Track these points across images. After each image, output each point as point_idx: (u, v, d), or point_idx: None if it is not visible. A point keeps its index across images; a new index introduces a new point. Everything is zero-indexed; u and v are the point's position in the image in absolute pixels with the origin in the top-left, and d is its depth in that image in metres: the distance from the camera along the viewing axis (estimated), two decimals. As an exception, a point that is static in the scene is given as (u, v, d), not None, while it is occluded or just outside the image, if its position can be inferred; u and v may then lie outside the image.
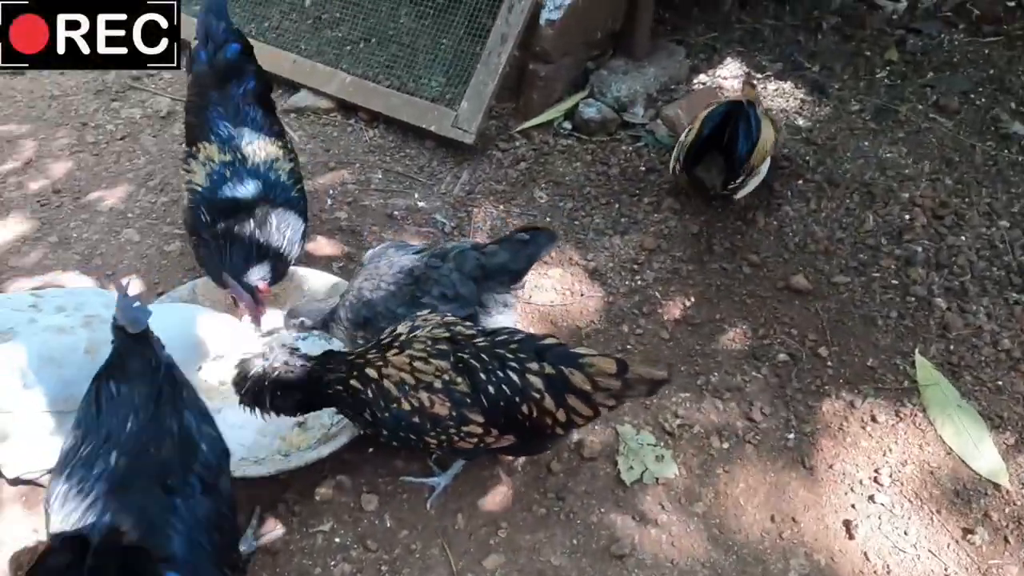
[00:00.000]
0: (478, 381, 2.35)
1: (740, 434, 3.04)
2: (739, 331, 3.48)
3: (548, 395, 2.37)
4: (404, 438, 2.42)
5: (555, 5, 4.33)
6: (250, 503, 2.68)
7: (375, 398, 2.38)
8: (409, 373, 2.36)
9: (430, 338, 2.44)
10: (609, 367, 2.38)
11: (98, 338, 2.33)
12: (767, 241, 3.98)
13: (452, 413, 2.34)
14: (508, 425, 2.41)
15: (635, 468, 2.86)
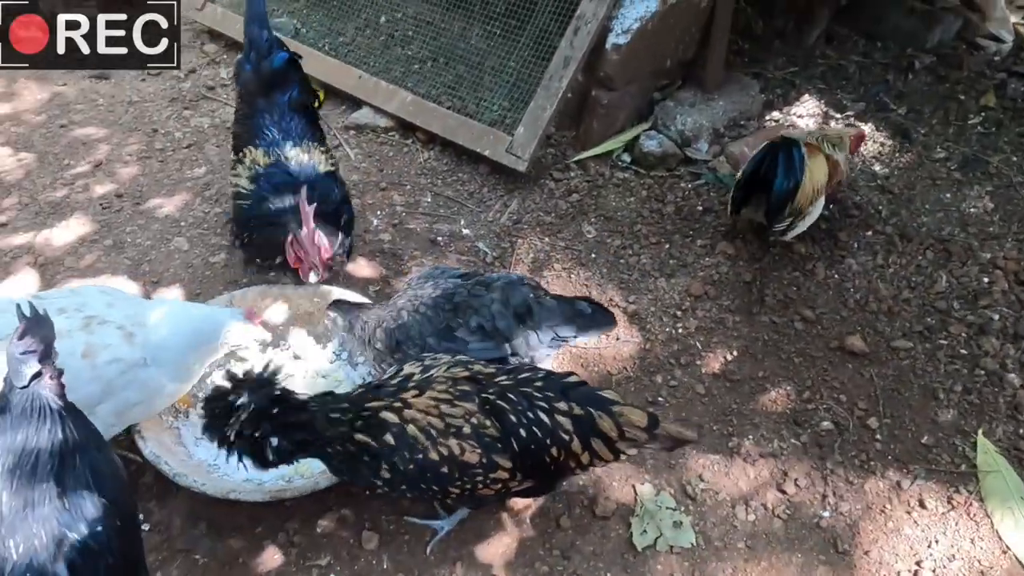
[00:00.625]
0: (508, 424, 2.25)
1: (769, 506, 2.83)
2: (782, 392, 3.27)
3: (576, 437, 2.29)
4: (424, 489, 2.28)
5: (623, 29, 4.22)
6: (252, 525, 2.67)
7: (397, 447, 2.17)
8: (437, 417, 2.22)
9: (449, 378, 2.33)
10: (640, 420, 2.31)
11: (95, 341, 2.33)
12: (825, 296, 3.74)
13: (483, 460, 2.23)
14: (534, 469, 2.32)
15: (649, 532, 2.70)
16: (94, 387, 2.34)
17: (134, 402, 2.45)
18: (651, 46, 4.41)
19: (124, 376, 2.38)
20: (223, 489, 2.53)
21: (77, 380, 2.27)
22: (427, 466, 2.20)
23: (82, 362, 2.31)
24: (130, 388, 2.41)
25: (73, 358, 2.28)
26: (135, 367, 2.40)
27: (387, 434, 2.19)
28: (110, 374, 2.35)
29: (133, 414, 2.50)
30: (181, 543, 2.62)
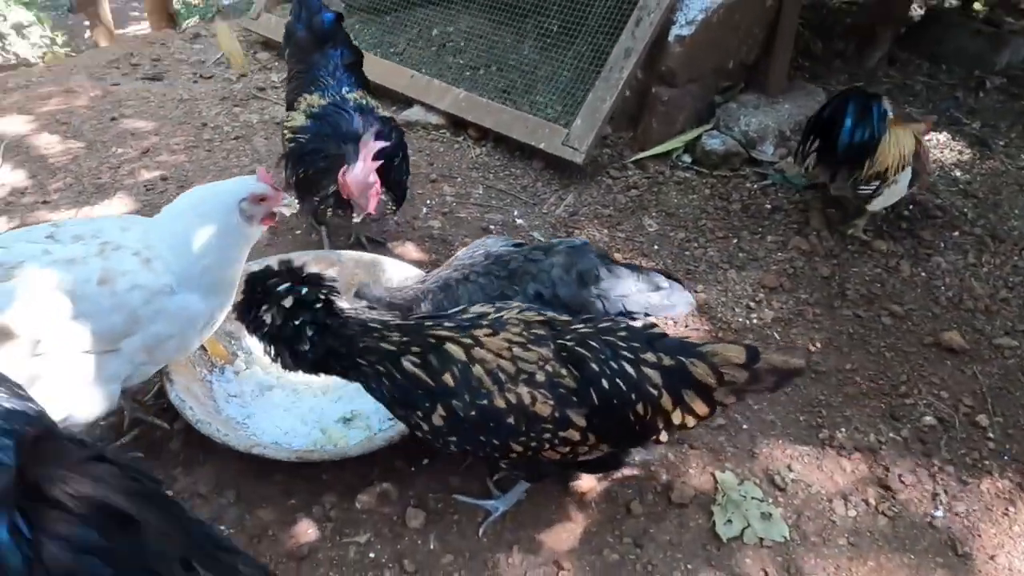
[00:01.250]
0: (589, 373, 1.95)
1: (871, 502, 2.46)
2: (874, 386, 2.92)
3: (666, 391, 1.99)
4: (481, 444, 1.96)
5: (687, 20, 4.06)
6: (284, 497, 2.38)
7: (457, 389, 1.90)
8: (509, 360, 1.93)
9: (523, 321, 2.04)
10: (737, 356, 2.00)
11: (112, 267, 2.10)
12: (913, 292, 3.41)
13: (555, 414, 1.92)
14: (611, 430, 2.01)
15: (735, 523, 2.35)
16: (116, 317, 2.10)
17: (166, 335, 2.20)
18: (715, 41, 4.24)
19: (149, 306, 2.13)
20: (247, 443, 2.27)
21: (97, 309, 2.08)
22: (491, 414, 1.90)
23: (100, 289, 2.07)
24: (159, 320, 2.16)
25: (89, 285, 2.06)
26: (160, 295, 2.15)
27: (448, 373, 1.90)
28: (133, 302, 2.11)
29: (167, 349, 2.25)
30: (206, 512, 2.33)
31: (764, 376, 2.03)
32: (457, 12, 6.03)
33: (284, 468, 2.45)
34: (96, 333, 2.08)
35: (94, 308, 2.07)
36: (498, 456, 2.02)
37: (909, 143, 3.41)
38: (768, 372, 2.03)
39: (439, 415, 1.91)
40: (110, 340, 2.13)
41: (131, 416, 2.59)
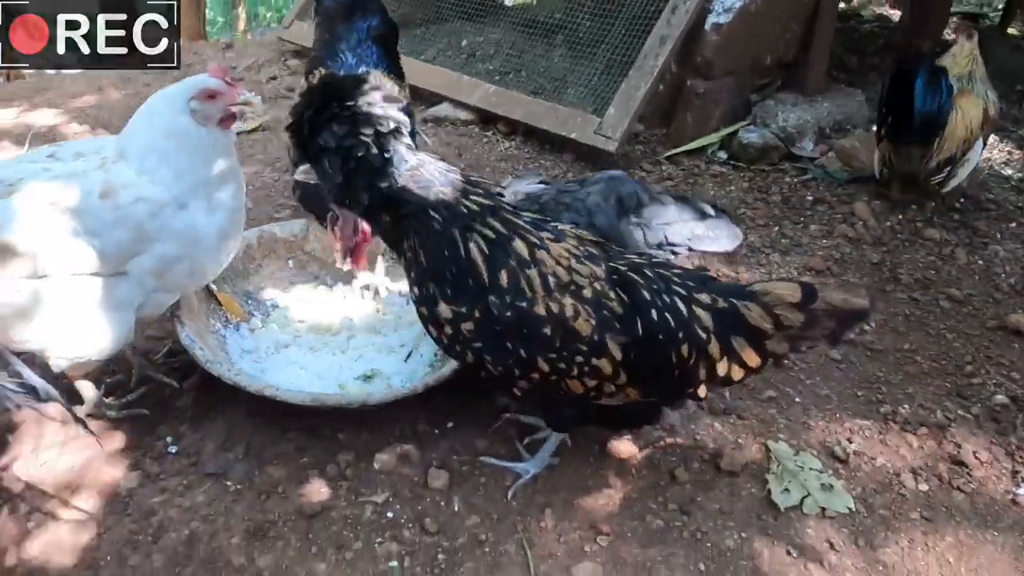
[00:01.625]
0: (639, 300, 1.77)
1: (945, 477, 2.21)
2: (936, 366, 2.69)
3: (715, 337, 1.81)
4: (507, 352, 1.75)
5: (724, 8, 3.98)
6: (296, 455, 2.19)
7: (510, 282, 1.69)
8: (565, 269, 1.75)
9: (577, 236, 1.87)
10: (791, 294, 1.81)
11: (113, 180, 1.96)
12: (971, 279, 3.20)
13: (594, 336, 1.74)
14: (646, 371, 1.81)
15: (793, 492, 2.11)
16: (122, 232, 1.96)
17: (174, 256, 2.05)
18: (753, 32, 4.14)
19: (156, 220, 1.98)
20: (258, 385, 2.11)
21: (100, 224, 1.95)
22: (527, 319, 1.71)
23: (102, 203, 1.94)
24: (165, 237, 2.00)
25: (91, 198, 1.93)
26: (166, 209, 1.99)
27: (503, 268, 1.70)
28: (138, 215, 1.96)
29: (177, 273, 2.09)
30: (211, 467, 2.15)
31: (822, 319, 1.83)
32: (486, 25, 6.04)
33: (297, 426, 2.27)
34: (101, 251, 1.95)
35: (97, 223, 1.94)
36: (518, 374, 1.80)
37: (976, 113, 3.25)
38: (826, 314, 1.83)
39: (475, 317, 1.71)
40: (116, 259, 1.99)
41: (140, 373, 2.43)
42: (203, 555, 1.91)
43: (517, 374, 1.80)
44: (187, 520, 1.99)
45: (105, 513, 2.02)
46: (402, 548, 1.94)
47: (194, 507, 2.03)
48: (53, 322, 2.00)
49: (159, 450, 2.21)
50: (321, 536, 1.97)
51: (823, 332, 1.86)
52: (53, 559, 1.89)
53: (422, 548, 1.94)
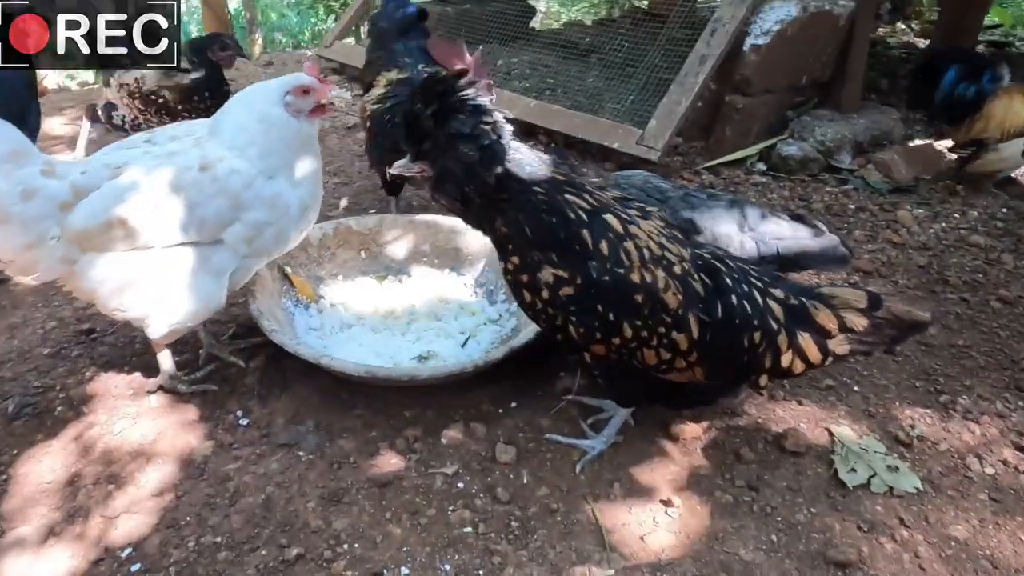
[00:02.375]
0: (721, 284, 1.84)
1: (1010, 463, 2.21)
2: (992, 361, 2.69)
3: (784, 330, 1.87)
4: (597, 315, 1.79)
5: (762, 31, 4.08)
6: (365, 429, 2.23)
7: (609, 250, 1.76)
8: (657, 244, 1.83)
9: (663, 219, 1.96)
10: (858, 300, 1.89)
11: (208, 155, 2.09)
12: (1020, 282, 3.21)
13: (679, 311, 1.80)
14: (717, 353, 1.86)
15: (859, 471, 2.12)
16: (222, 201, 2.08)
17: (263, 222, 2.15)
18: (789, 53, 4.24)
19: (249, 191, 2.11)
20: (315, 354, 2.19)
21: (202, 195, 2.06)
22: (622, 285, 1.77)
23: (202, 176, 2.07)
24: (257, 206, 2.13)
25: (192, 172, 2.07)
26: (257, 180, 2.12)
27: (603, 238, 1.78)
28: (234, 186, 2.08)
29: (266, 239, 2.19)
30: (283, 438, 2.19)
31: (884, 327, 1.91)
32: (520, 48, 6.22)
33: (364, 404, 2.32)
34: (203, 220, 2.07)
35: (199, 194, 2.06)
36: (599, 338, 1.84)
37: (1021, 109, 3.30)
38: (888, 323, 1.91)
39: (576, 284, 1.78)
40: (217, 227, 2.10)
41: (207, 352, 2.49)
42: (280, 517, 1.94)
43: (598, 337, 1.84)
44: (262, 486, 2.03)
45: (182, 478, 2.06)
46: (475, 515, 1.96)
47: (268, 474, 2.07)
48: (156, 290, 2.10)
49: (230, 422, 2.26)
50: (394, 503, 1.99)
51: (884, 339, 1.92)
52: (135, 519, 1.93)
53: (495, 516, 1.96)
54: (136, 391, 2.38)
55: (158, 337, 2.19)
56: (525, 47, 6.28)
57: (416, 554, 1.85)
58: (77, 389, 2.37)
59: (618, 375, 2.00)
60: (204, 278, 2.12)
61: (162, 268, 2.08)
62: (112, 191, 2.03)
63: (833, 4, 4.32)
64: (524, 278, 1.83)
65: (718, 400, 2.23)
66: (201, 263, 2.11)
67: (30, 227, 1.98)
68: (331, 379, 2.36)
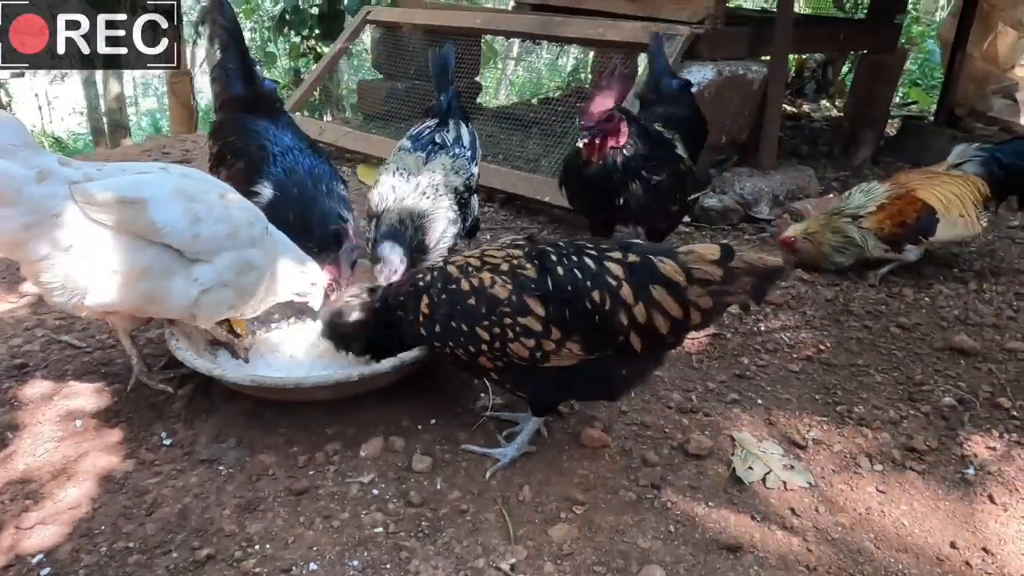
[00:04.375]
0: (548, 264, 2.02)
1: (898, 459, 2.36)
2: (888, 377, 2.88)
3: (627, 284, 1.96)
4: (456, 333, 2.06)
5: (679, 90, 4.42)
6: (286, 444, 2.30)
7: (432, 281, 2.15)
8: (477, 259, 2.12)
9: (511, 240, 2.21)
10: (710, 252, 1.96)
11: (228, 192, 2.36)
12: (919, 313, 3.44)
13: (512, 298, 1.99)
14: (573, 323, 1.97)
15: (756, 469, 2.24)
16: (222, 227, 2.28)
17: (253, 264, 2.37)
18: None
19: (251, 229, 2.36)
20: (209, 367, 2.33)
21: (209, 214, 2.26)
22: (456, 296, 2.06)
23: (218, 200, 2.32)
24: (255, 246, 2.37)
25: (210, 195, 2.31)
26: (261, 224, 2.41)
27: (430, 274, 2.19)
28: (239, 219, 2.33)
29: (248, 279, 2.38)
30: (205, 455, 2.25)
31: (740, 275, 1.94)
32: (468, 121, 6.55)
33: (287, 423, 2.40)
34: (200, 235, 2.23)
35: (207, 212, 2.25)
36: (474, 350, 2.06)
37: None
38: (744, 272, 1.94)
39: (424, 304, 2.13)
40: (211, 247, 2.26)
41: (137, 379, 2.55)
42: (195, 524, 1.98)
43: (472, 350, 2.06)
44: (180, 497, 2.08)
45: (100, 493, 2.10)
46: (387, 517, 2.03)
47: (187, 487, 2.12)
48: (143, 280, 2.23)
49: (154, 443, 2.32)
50: (309, 508, 2.06)
51: (745, 287, 1.97)
52: (49, 529, 1.96)
53: (406, 517, 2.03)
54: (63, 418, 2.42)
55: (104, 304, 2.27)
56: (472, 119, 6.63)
57: (326, 552, 1.91)
58: (3, 418, 2.41)
59: (518, 379, 2.12)
60: (186, 283, 2.27)
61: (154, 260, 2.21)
62: (133, 179, 2.23)
63: (747, 70, 4.72)
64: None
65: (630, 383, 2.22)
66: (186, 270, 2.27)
67: (38, 207, 2.08)
68: (255, 402, 2.44)
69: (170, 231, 2.20)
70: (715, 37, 4.66)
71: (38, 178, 2.09)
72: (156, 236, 2.20)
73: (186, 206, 2.24)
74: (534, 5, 6.29)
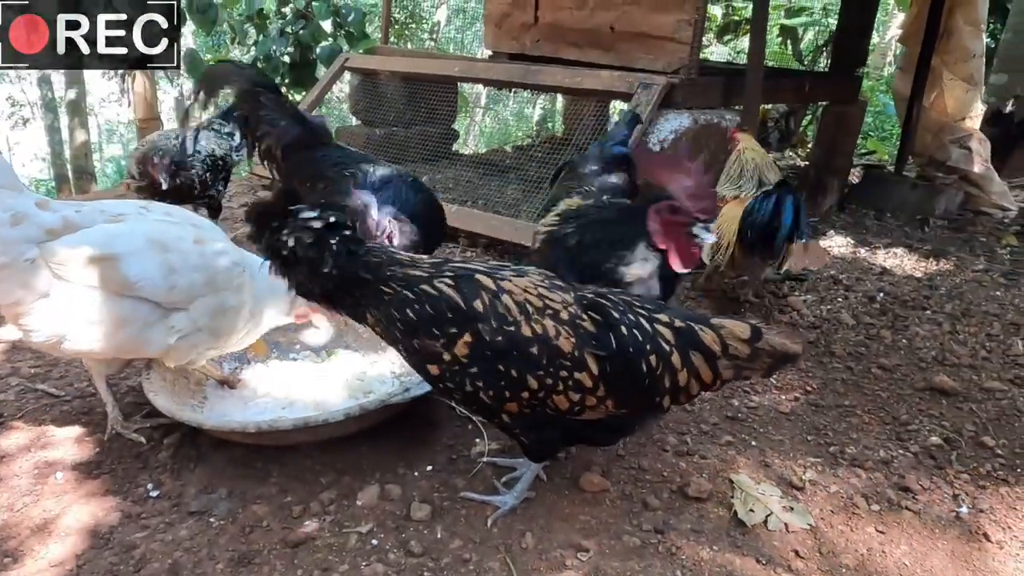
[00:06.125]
0: (610, 318, 1.97)
1: (894, 499, 2.38)
2: (875, 417, 2.92)
3: (676, 350, 2.00)
4: (500, 374, 1.90)
5: (658, 139, 4.56)
6: (280, 495, 2.23)
7: (485, 313, 1.89)
8: (536, 296, 1.96)
9: (543, 273, 2.10)
10: (742, 331, 2.03)
11: (206, 236, 2.30)
12: (898, 354, 3.52)
13: (575, 352, 1.92)
14: (622, 382, 1.97)
15: (757, 512, 2.24)
16: (199, 275, 2.24)
17: (229, 306, 2.33)
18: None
19: (228, 272, 2.31)
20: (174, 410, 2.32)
21: (185, 263, 2.22)
22: (517, 341, 1.89)
23: (193, 247, 2.26)
24: (231, 288, 2.32)
25: (185, 242, 2.26)
26: (238, 266, 2.35)
27: (478, 299, 1.91)
28: (217, 265, 2.28)
29: (224, 321, 2.34)
30: (194, 506, 2.17)
31: (763, 355, 2.04)
32: (444, 167, 6.62)
33: (279, 471, 2.34)
34: (177, 285, 2.19)
35: (182, 261, 2.21)
36: (509, 396, 1.95)
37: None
38: (767, 352, 2.04)
39: (464, 342, 1.89)
40: (188, 296, 2.22)
41: (111, 428, 2.47)
42: (187, 579, 1.90)
43: (507, 396, 1.95)
44: (170, 552, 2.00)
45: (84, 549, 2.00)
46: (388, 569, 1.97)
47: (176, 540, 2.04)
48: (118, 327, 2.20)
49: (140, 495, 2.23)
50: (306, 561, 1.99)
51: (762, 366, 2.07)
52: (30, 588, 1.86)
53: (408, 568, 1.98)
54: (42, 470, 2.32)
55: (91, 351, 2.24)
56: (448, 166, 6.70)
57: (327, 606, 1.84)
58: (-23, 470, 2.31)
59: (536, 426, 2.09)
60: (158, 329, 2.24)
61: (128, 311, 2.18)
62: (105, 232, 2.16)
63: (721, 118, 4.86)
64: (415, 361, 1.99)
65: (635, 429, 2.26)
66: (160, 317, 2.23)
67: (7, 250, 2.04)
68: (245, 449, 2.38)
69: (145, 285, 2.18)
70: (690, 86, 4.80)
71: (12, 221, 2.05)
72: (131, 291, 2.17)
73: (161, 258, 2.20)
74: (511, 55, 6.42)
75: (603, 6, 5.45)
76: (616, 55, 5.38)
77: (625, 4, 5.27)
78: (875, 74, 15.12)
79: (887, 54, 16.37)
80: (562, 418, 2.02)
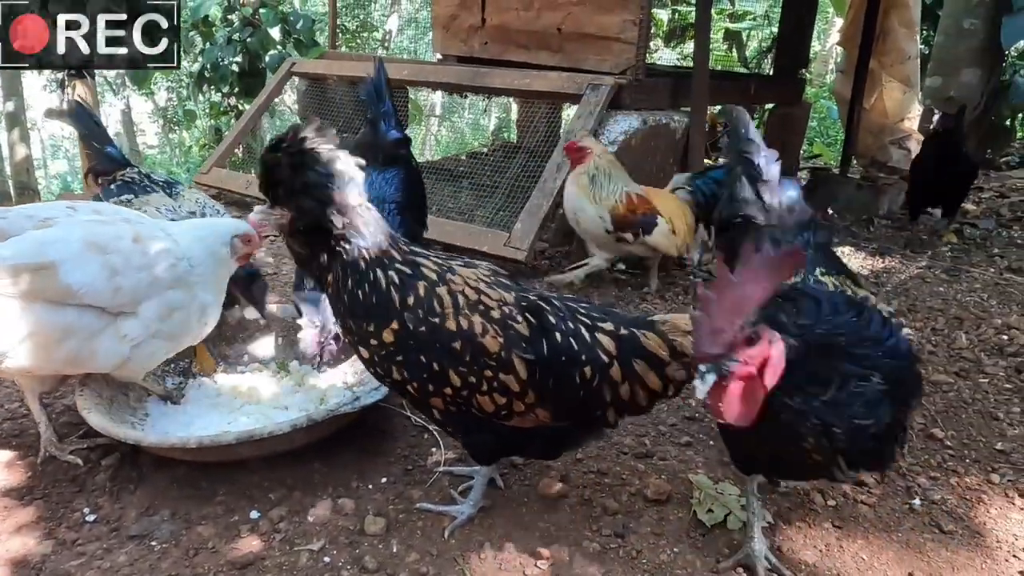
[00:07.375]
0: (546, 324, 1.91)
1: (849, 493, 2.40)
2: (829, 414, 2.94)
3: (617, 362, 1.93)
4: (420, 368, 1.86)
5: (609, 140, 4.55)
6: (226, 514, 2.14)
7: (414, 304, 1.84)
8: (473, 290, 1.90)
9: (492, 270, 2.05)
10: (685, 323, 1.95)
11: (143, 232, 2.17)
12: (848, 349, 3.56)
13: (501, 353, 1.86)
14: (552, 393, 1.92)
15: (716, 511, 2.22)
16: (143, 275, 2.15)
17: (177, 304, 2.23)
18: (633, 161, 4.69)
19: (173, 270, 2.21)
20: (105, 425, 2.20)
21: (128, 264, 2.12)
22: (440, 334, 1.84)
23: (133, 246, 2.15)
24: (177, 287, 2.22)
25: (123, 241, 2.14)
26: (181, 263, 2.24)
27: (414, 289, 1.85)
28: (159, 264, 2.18)
29: (174, 321, 2.24)
30: (134, 530, 2.06)
31: None
32: (396, 174, 6.53)
33: (226, 490, 2.25)
34: (121, 288, 2.10)
35: (124, 262, 2.10)
36: (433, 390, 1.89)
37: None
38: None
39: (391, 330, 1.85)
40: (132, 298, 2.13)
41: (45, 450, 2.34)
42: (127, 608, 1.80)
43: (431, 389, 1.89)
44: (108, 579, 1.89)
45: (13, 581, 1.88)
46: (341, 587, 1.89)
47: (115, 567, 1.93)
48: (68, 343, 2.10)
49: (75, 520, 2.12)
50: (255, 582, 1.90)
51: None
52: (-47, 625, 1.73)
53: (362, 585, 1.91)
54: (-33, 497, 2.19)
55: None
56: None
57: (277, 630, 1.76)
58: None
59: (466, 427, 2.02)
60: (113, 341, 2.15)
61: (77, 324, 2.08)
62: (37, 239, 2.05)
63: (670, 119, 4.90)
64: (352, 338, 1.93)
65: (579, 444, 2.22)
66: (113, 328, 2.14)
67: None
68: (189, 468, 2.28)
69: (88, 291, 2.07)
70: (638, 88, 4.83)
71: None
72: (74, 299, 2.06)
73: (102, 260, 2.09)
74: (460, 57, 6.39)
75: (549, 7, 5.45)
76: (564, 56, 5.39)
77: (571, 5, 5.29)
78: (818, 81, 15.55)
79: (828, 61, 16.85)
80: (490, 422, 1.96)
